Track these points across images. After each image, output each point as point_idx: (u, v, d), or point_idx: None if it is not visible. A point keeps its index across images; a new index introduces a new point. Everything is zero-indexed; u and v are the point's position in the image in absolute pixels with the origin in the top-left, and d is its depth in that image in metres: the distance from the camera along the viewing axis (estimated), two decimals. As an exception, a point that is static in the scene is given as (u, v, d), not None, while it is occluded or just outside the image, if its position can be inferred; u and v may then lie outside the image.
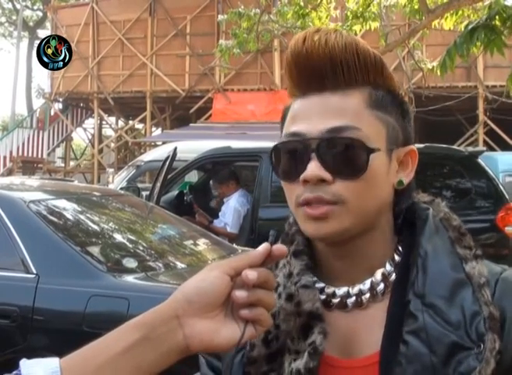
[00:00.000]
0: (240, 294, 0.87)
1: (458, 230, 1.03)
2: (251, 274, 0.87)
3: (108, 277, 3.47)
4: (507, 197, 6.26)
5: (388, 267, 1.02)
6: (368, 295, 1.01)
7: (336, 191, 0.95)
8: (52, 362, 0.82)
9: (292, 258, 1.05)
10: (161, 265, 3.95)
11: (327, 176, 0.95)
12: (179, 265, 4.05)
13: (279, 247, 0.92)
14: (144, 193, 7.42)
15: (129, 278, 3.55)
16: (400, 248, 1.03)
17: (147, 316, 0.88)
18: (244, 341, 0.89)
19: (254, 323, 0.89)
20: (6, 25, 37.01)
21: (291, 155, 0.99)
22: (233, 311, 0.90)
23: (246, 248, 4.91)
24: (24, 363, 0.83)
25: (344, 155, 0.95)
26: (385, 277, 1.01)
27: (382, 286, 1.01)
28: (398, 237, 1.04)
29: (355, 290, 1.01)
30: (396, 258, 1.02)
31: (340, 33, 0.98)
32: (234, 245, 5.11)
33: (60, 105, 23.60)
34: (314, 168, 0.95)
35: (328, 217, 0.95)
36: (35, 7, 34.18)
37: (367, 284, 1.01)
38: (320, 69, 0.98)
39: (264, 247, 0.91)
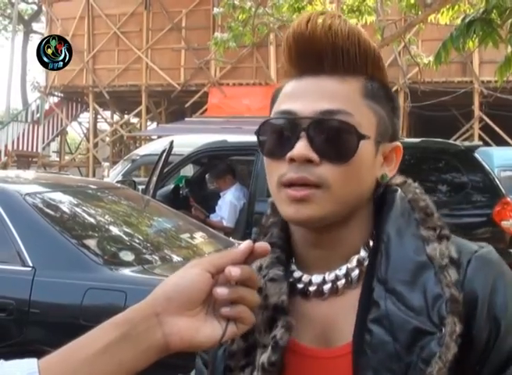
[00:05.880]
0: (221, 291, 0.87)
1: (424, 210, 1.01)
2: (234, 271, 0.86)
3: (104, 270, 3.46)
4: (503, 191, 6.28)
5: (362, 253, 1.01)
6: (343, 281, 1.00)
7: (321, 174, 0.94)
8: (30, 364, 0.82)
9: None
10: (157, 258, 3.94)
11: (314, 156, 0.94)
12: (176, 258, 4.05)
13: (262, 244, 0.91)
14: (140, 187, 7.41)
15: (126, 271, 3.54)
16: (375, 233, 1.02)
17: (127, 313, 0.87)
18: (226, 339, 0.88)
19: (236, 321, 0.88)
20: (0, 19, 36.85)
21: (280, 133, 0.98)
22: (215, 309, 0.89)
23: (242, 242, 4.90)
24: (1, 365, 0.82)
25: (334, 137, 0.95)
26: (359, 263, 1.00)
27: (356, 272, 1.00)
28: (374, 222, 1.03)
29: (331, 276, 1.00)
30: (371, 243, 1.01)
31: (344, 20, 0.98)
32: (230, 239, 5.10)
33: (55, 99, 23.53)
34: (302, 147, 0.94)
35: (310, 200, 0.94)
36: (30, 0, 34.02)
37: (342, 270, 1.00)
38: (320, 52, 0.97)
39: (246, 244, 0.90)
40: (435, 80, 16.36)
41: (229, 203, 6.96)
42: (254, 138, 1.03)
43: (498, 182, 6.40)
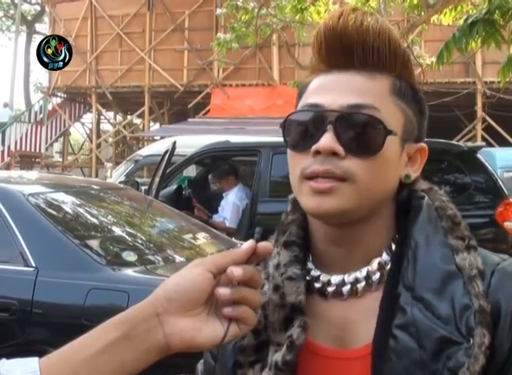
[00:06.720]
0: (223, 291, 0.86)
1: (452, 219, 1.00)
2: (236, 271, 0.85)
3: (107, 270, 3.46)
4: (506, 192, 6.27)
5: (384, 256, 1.00)
6: (363, 284, 0.99)
7: (347, 167, 0.93)
8: (31, 363, 0.81)
9: (282, 249, 1.04)
10: (160, 258, 3.94)
11: (340, 149, 0.93)
12: (178, 258, 4.05)
13: (264, 244, 0.90)
14: (143, 187, 7.41)
15: (129, 271, 3.54)
16: (398, 237, 1.01)
17: (128, 313, 0.87)
18: (228, 340, 0.88)
19: (238, 322, 0.88)
20: (4, 19, 36.88)
21: (306, 125, 0.97)
22: (217, 309, 0.88)
23: (244, 242, 4.89)
24: (3, 363, 0.82)
25: (361, 131, 0.94)
26: (381, 267, 0.99)
27: (377, 275, 0.99)
28: (396, 226, 1.03)
29: (351, 278, 1.00)
30: (394, 247, 1.00)
31: (376, 18, 0.98)
32: (233, 239, 5.10)
33: (58, 100, 23.54)
34: (328, 139, 0.93)
35: (334, 193, 0.93)
36: (33, 1, 34.04)
37: (363, 272, 0.99)
38: (350, 48, 0.97)
39: (248, 244, 0.89)
40: (438, 80, 16.35)
41: (231, 204, 6.96)
42: (256, 139, 1.02)
43: (501, 183, 6.39)
